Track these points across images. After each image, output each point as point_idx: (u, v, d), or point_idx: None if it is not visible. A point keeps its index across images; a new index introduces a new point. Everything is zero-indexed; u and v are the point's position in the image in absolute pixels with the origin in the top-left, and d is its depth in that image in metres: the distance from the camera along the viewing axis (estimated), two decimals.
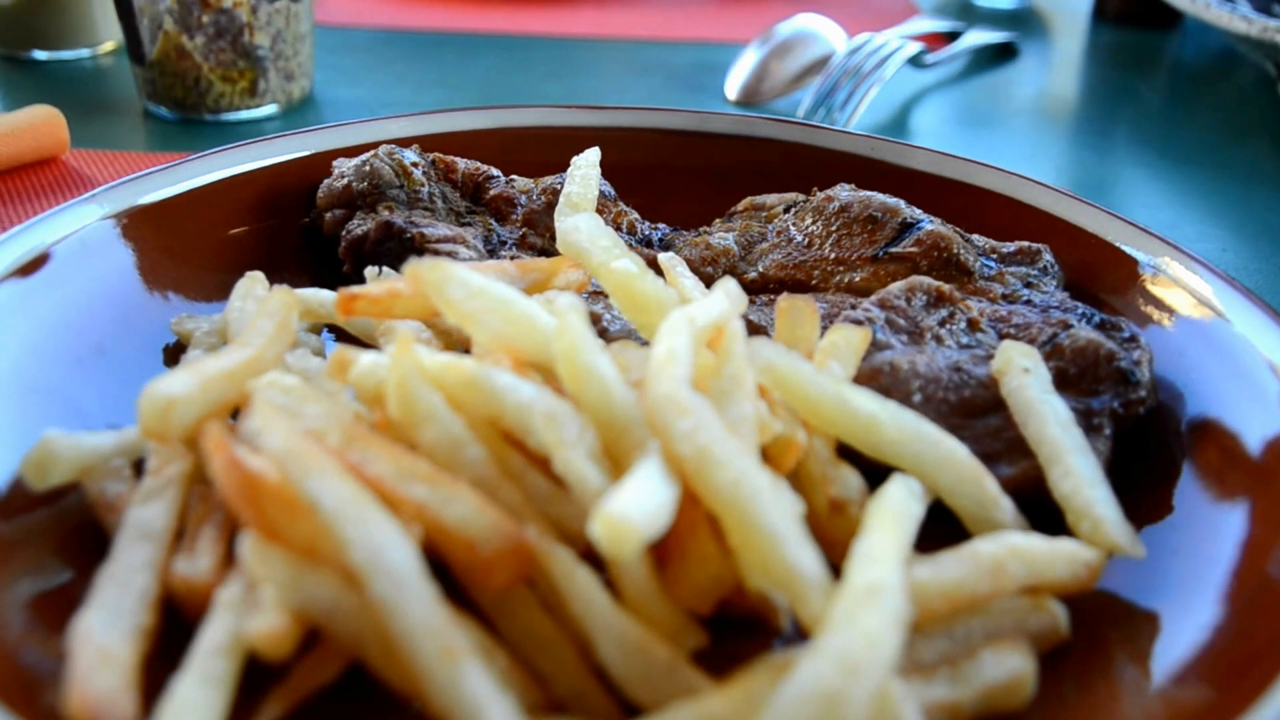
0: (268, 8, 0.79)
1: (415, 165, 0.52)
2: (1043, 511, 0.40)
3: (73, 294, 0.45)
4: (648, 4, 1.25)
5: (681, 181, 0.60)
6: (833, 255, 0.51)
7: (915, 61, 0.96)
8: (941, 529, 0.38)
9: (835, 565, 0.33)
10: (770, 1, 1.28)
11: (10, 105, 0.87)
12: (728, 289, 0.39)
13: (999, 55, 1.13)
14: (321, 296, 0.45)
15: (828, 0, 1.28)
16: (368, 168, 0.51)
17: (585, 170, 0.49)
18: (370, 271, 0.46)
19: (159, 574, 0.32)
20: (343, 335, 0.48)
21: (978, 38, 1.09)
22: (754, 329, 0.47)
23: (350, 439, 0.34)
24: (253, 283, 0.45)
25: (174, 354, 0.48)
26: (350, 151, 0.56)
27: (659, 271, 0.46)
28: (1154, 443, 0.45)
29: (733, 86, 0.93)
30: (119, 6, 0.79)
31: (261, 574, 0.30)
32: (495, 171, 0.54)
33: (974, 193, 0.57)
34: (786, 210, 0.55)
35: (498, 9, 1.19)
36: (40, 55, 0.95)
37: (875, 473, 0.38)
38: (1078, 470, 0.39)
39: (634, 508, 0.29)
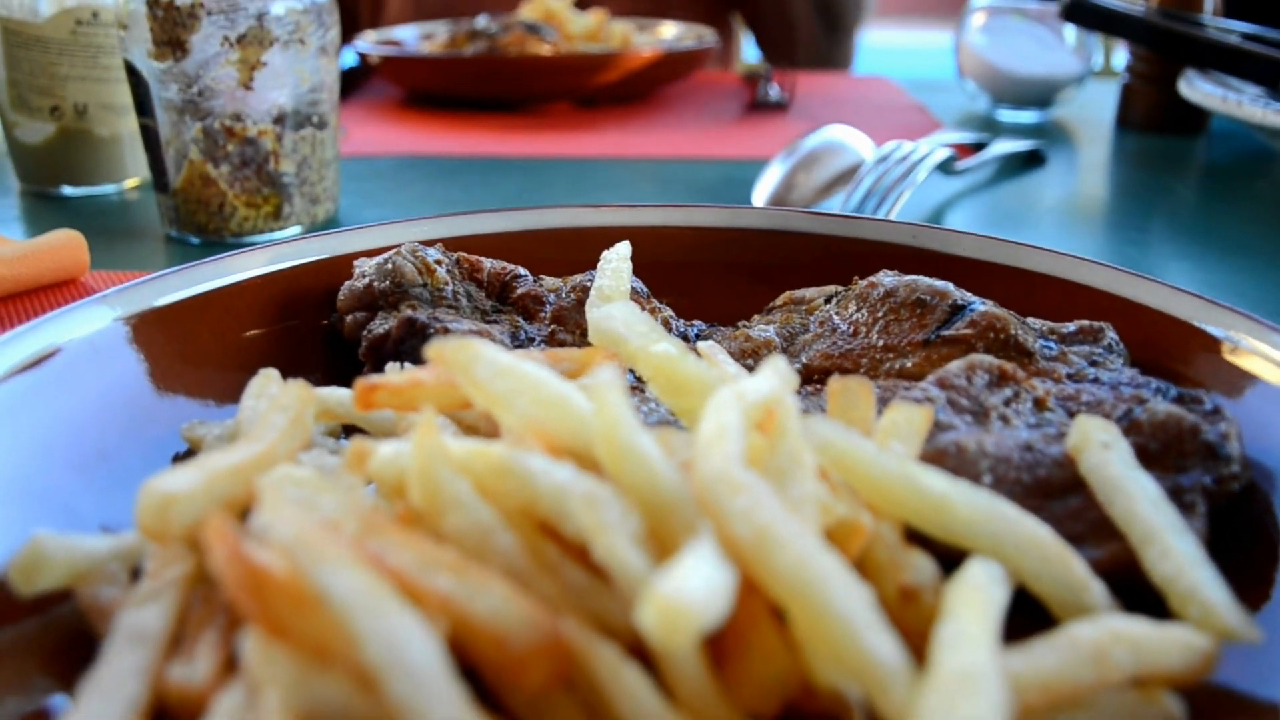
0: (293, 136, 0.78)
1: (439, 263, 0.50)
2: (1133, 599, 0.36)
3: (78, 396, 0.42)
4: (670, 125, 1.25)
5: (715, 278, 0.58)
6: (881, 342, 0.48)
7: (945, 168, 0.95)
8: (1021, 620, 0.34)
9: (911, 658, 0.29)
10: (793, 121, 1.28)
11: (34, 235, 0.87)
12: (777, 367, 0.36)
13: (1026, 162, 1.12)
14: (340, 395, 0.42)
15: (852, 118, 1.29)
16: (390, 265, 0.49)
17: (616, 264, 0.47)
18: (391, 366, 0.43)
19: (151, 680, 0.29)
20: (361, 436, 0.45)
21: (1005, 146, 1.08)
22: None
23: (369, 529, 0.30)
24: (267, 380, 0.42)
25: (183, 460, 0.45)
26: (372, 254, 0.54)
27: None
28: (1248, 523, 0.41)
29: (760, 197, 0.92)
30: (145, 137, 0.79)
31: (265, 676, 0.26)
32: (522, 270, 0.52)
33: (1024, 276, 0.55)
34: (828, 301, 0.52)
35: (519, 134, 1.20)
36: (68, 191, 0.96)
37: (947, 559, 0.34)
38: (1177, 551, 0.35)
39: (689, 591, 0.26)
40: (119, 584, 0.35)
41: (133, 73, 0.76)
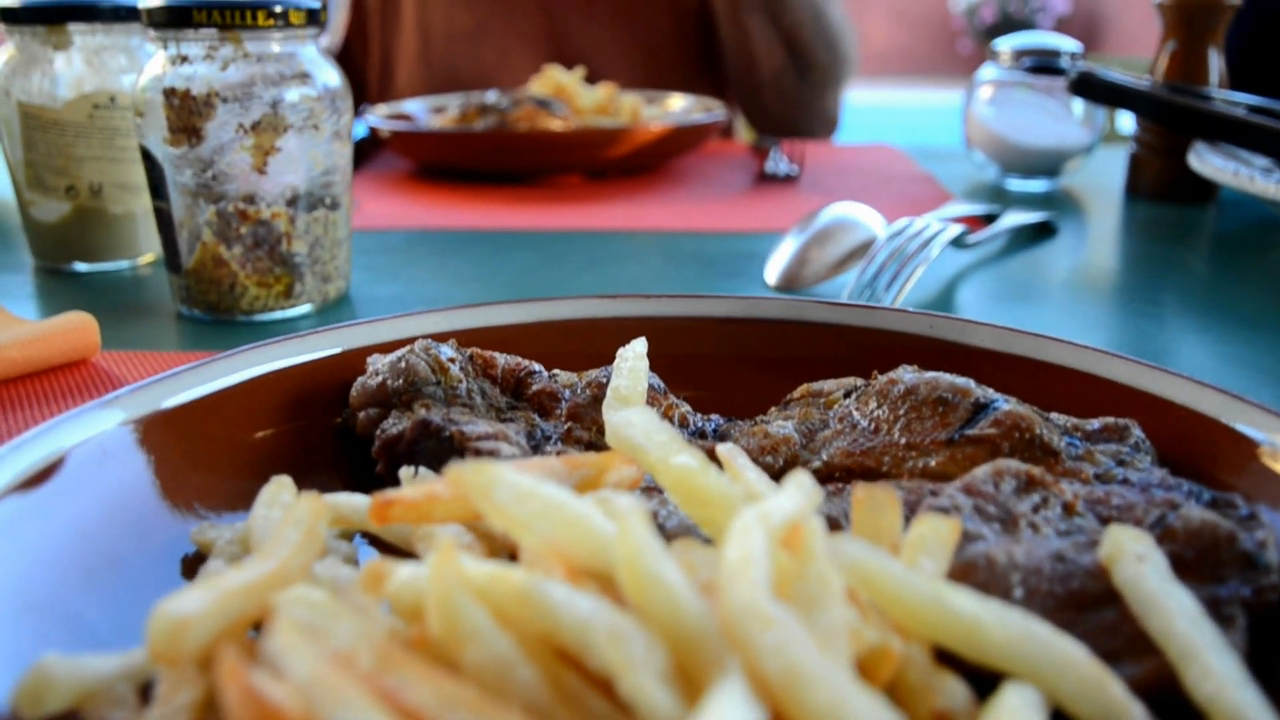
0: (306, 217, 0.78)
1: (453, 361, 0.49)
2: (1174, 713, 0.34)
3: (85, 503, 0.41)
4: (680, 197, 1.26)
5: (732, 371, 0.57)
6: (903, 440, 0.48)
7: (956, 242, 0.95)
8: None
9: None
10: (804, 195, 1.28)
11: (47, 311, 0.87)
12: (800, 483, 0.35)
13: (1037, 233, 1.12)
14: (354, 502, 0.42)
15: (862, 190, 1.29)
16: (403, 364, 0.49)
17: (633, 362, 0.46)
18: (406, 473, 0.43)
19: None
20: (375, 539, 0.44)
21: (1016, 218, 1.08)
22: (826, 522, 0.43)
23: (385, 661, 0.29)
24: (279, 489, 0.42)
25: (193, 565, 0.44)
26: (385, 348, 0.54)
27: (718, 464, 0.42)
28: None
29: (773, 273, 0.92)
30: (159, 219, 0.79)
31: None
32: (537, 366, 0.52)
33: (1044, 369, 0.54)
34: (847, 396, 0.51)
35: (529, 207, 1.20)
36: (82, 267, 0.96)
37: (981, 681, 0.33)
38: (1218, 670, 0.34)
39: None
40: (128, 706, 0.35)
41: (148, 158, 0.77)
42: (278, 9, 0.74)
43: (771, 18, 1.68)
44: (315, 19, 0.77)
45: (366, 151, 1.47)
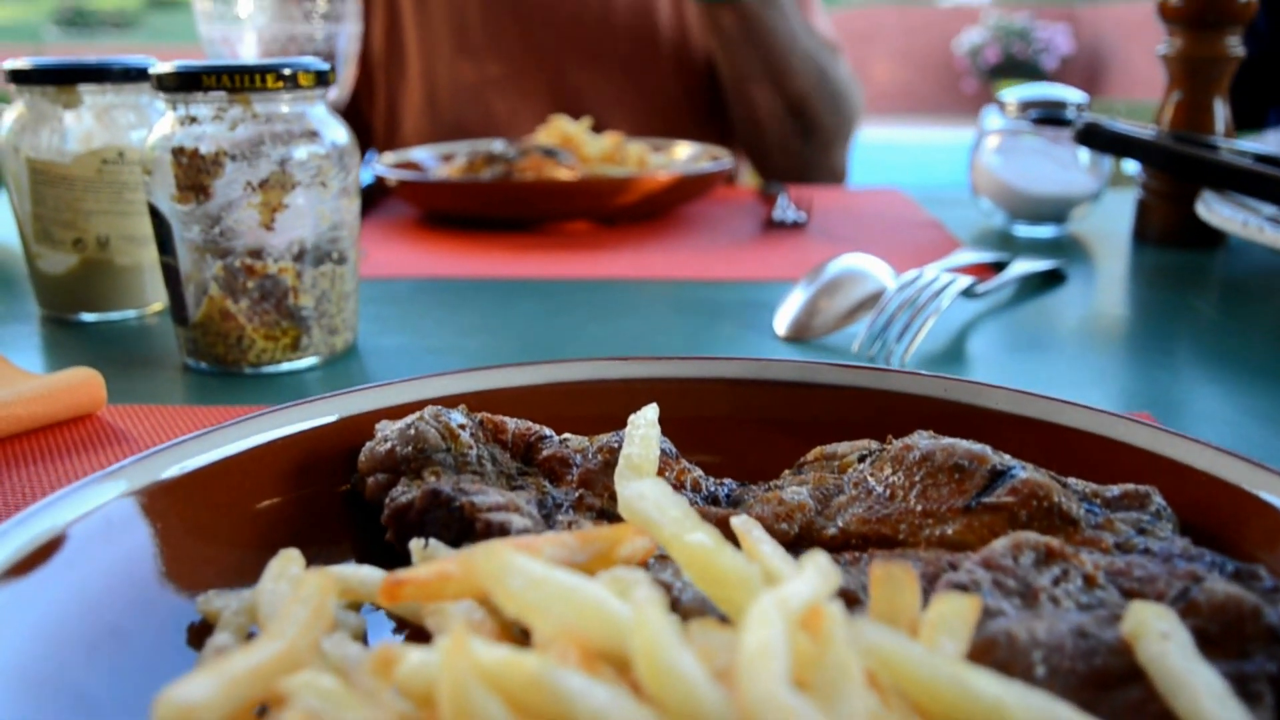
0: (313, 272, 0.78)
1: (463, 427, 0.49)
2: None
3: (88, 577, 0.41)
4: (687, 245, 1.26)
5: (744, 433, 0.56)
6: (919, 507, 0.47)
7: (966, 292, 0.94)
8: None
9: None
10: (812, 241, 1.28)
11: (52, 362, 0.87)
12: (818, 564, 0.34)
13: (1046, 281, 1.11)
14: (362, 575, 0.41)
15: (870, 237, 1.29)
16: (412, 431, 0.48)
17: (645, 429, 0.46)
18: (415, 544, 0.42)
19: None
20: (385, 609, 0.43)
21: (1025, 266, 1.08)
22: (843, 595, 0.42)
23: None
24: (287, 562, 0.41)
25: (199, 635, 0.43)
26: (393, 412, 0.53)
27: (729, 531, 0.41)
28: None
29: (782, 323, 0.91)
30: (165, 274, 0.79)
31: None
32: (547, 431, 0.51)
33: (1061, 433, 0.53)
34: (861, 460, 0.51)
35: (536, 255, 1.20)
36: (88, 318, 0.96)
37: None
38: None
39: None
40: None
41: (155, 214, 0.77)
42: (287, 71, 0.74)
43: (776, 87, 1.68)
44: (324, 80, 0.77)
45: (373, 198, 1.48)
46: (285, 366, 0.80)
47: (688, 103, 1.87)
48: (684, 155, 1.54)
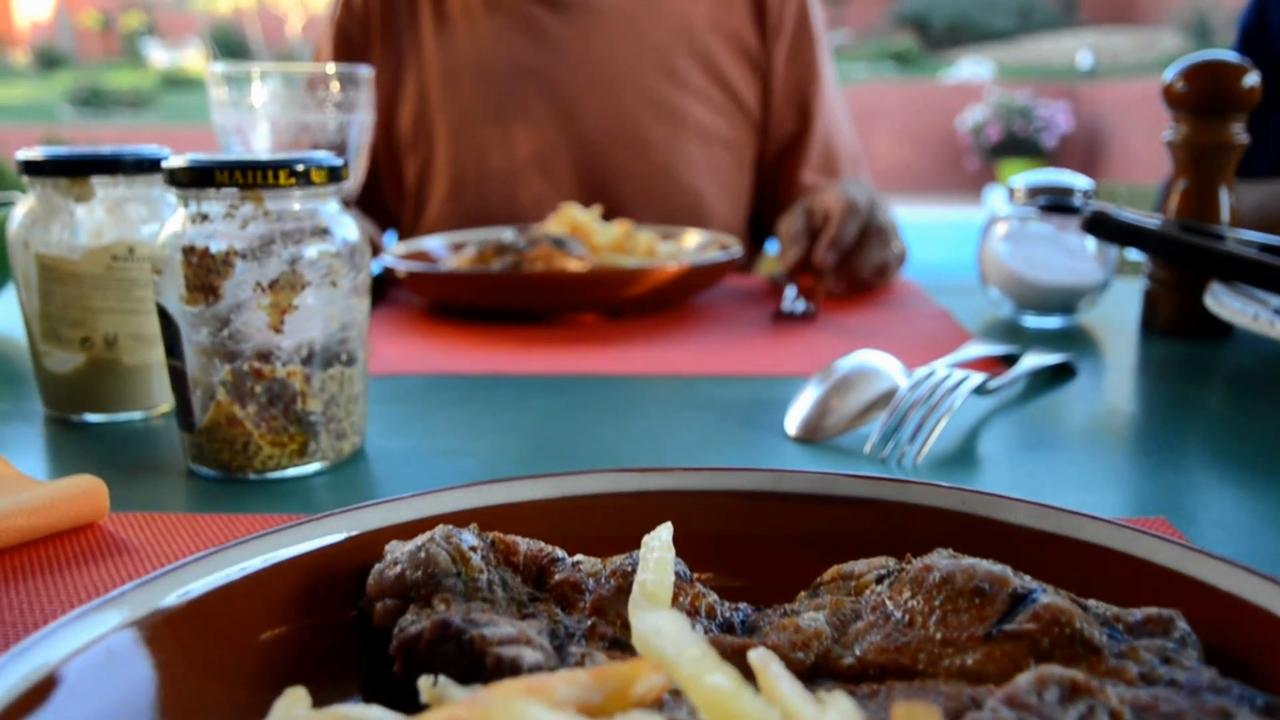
0: (321, 375, 0.78)
1: (474, 550, 0.48)
2: None
3: (81, 714, 0.39)
4: (697, 337, 1.26)
5: (759, 550, 0.55)
6: (939, 635, 0.46)
7: (978, 390, 0.94)
8: None
9: None
10: (820, 333, 1.28)
11: (55, 464, 0.86)
12: (841, 708, 0.33)
13: (1056, 374, 1.11)
14: (369, 716, 0.40)
15: (881, 330, 1.29)
16: (423, 555, 0.47)
17: (659, 553, 0.45)
18: (424, 682, 0.41)
19: None
20: None
21: (1035, 360, 1.07)
22: None
23: None
24: (293, 702, 0.40)
25: None
26: (402, 530, 0.52)
27: (744, 661, 0.40)
28: None
29: (793, 423, 0.91)
30: (173, 378, 0.78)
31: None
32: (560, 553, 0.50)
33: (1081, 549, 0.52)
34: (879, 581, 0.50)
35: (546, 348, 1.20)
36: (92, 418, 0.95)
37: None
38: None
39: None
40: None
41: (164, 316, 0.77)
42: (300, 168, 0.75)
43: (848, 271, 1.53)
44: (337, 176, 0.78)
45: (383, 288, 1.48)
46: (291, 472, 0.79)
47: (725, 196, 1.88)
48: (693, 243, 1.54)
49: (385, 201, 1.91)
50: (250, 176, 0.74)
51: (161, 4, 27.24)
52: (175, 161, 0.76)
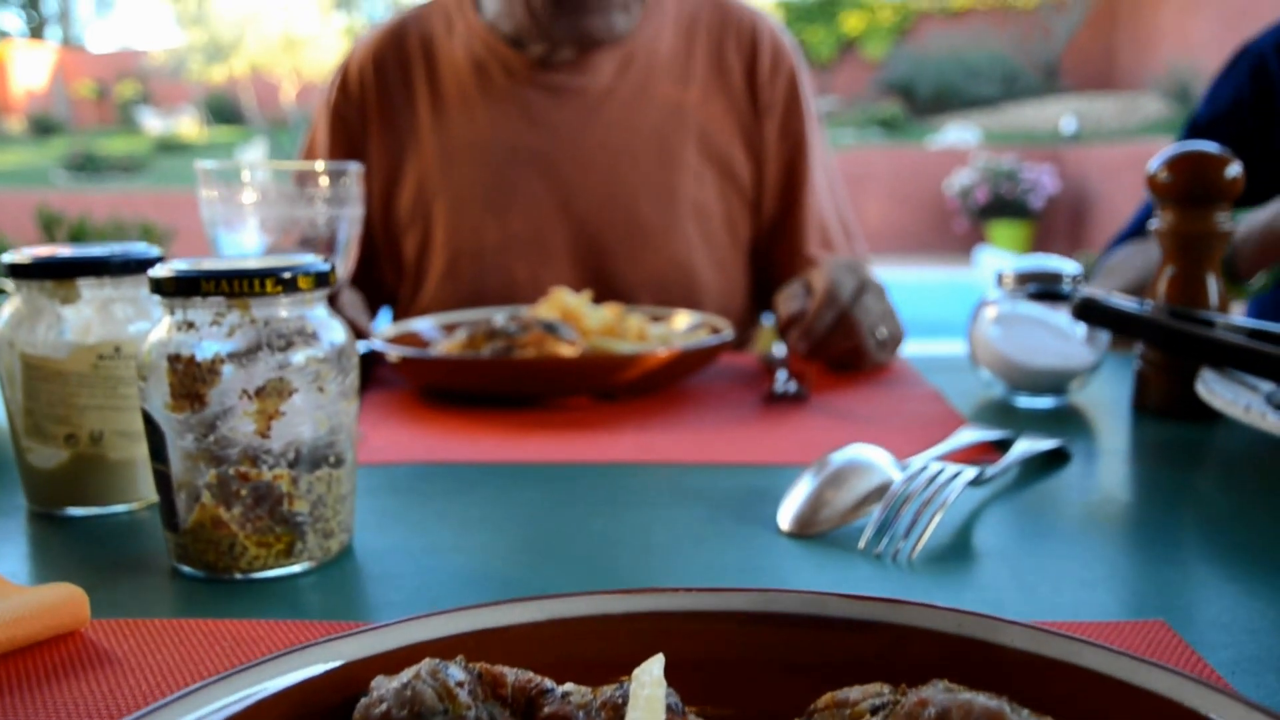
0: (308, 477, 0.77)
1: (461, 685, 0.47)
2: None
3: None
4: (688, 422, 1.25)
5: (750, 674, 0.54)
6: None
7: (973, 482, 0.93)
8: None
9: None
10: (812, 416, 1.28)
11: (37, 562, 0.85)
12: None
13: (1050, 459, 1.10)
14: None
15: (871, 411, 1.29)
16: (409, 693, 0.46)
17: (650, 690, 0.44)
18: None
19: None
20: None
21: (1028, 446, 1.07)
22: None
23: None
24: None
25: None
26: (387, 659, 0.51)
27: None
28: None
29: (785, 517, 0.90)
30: (157, 480, 0.77)
31: None
32: (549, 684, 0.49)
33: (1079, 675, 0.51)
34: (874, 713, 0.49)
35: (536, 435, 1.19)
36: (75, 513, 0.94)
37: None
38: None
39: None
40: None
41: (149, 421, 0.76)
42: (286, 276, 0.75)
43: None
44: (324, 281, 0.77)
45: (371, 369, 1.48)
46: (278, 572, 0.78)
47: (723, 277, 1.89)
48: (683, 325, 1.54)
49: (383, 278, 1.92)
50: (237, 285, 0.74)
51: (156, 73, 27.54)
52: (161, 271, 0.75)
